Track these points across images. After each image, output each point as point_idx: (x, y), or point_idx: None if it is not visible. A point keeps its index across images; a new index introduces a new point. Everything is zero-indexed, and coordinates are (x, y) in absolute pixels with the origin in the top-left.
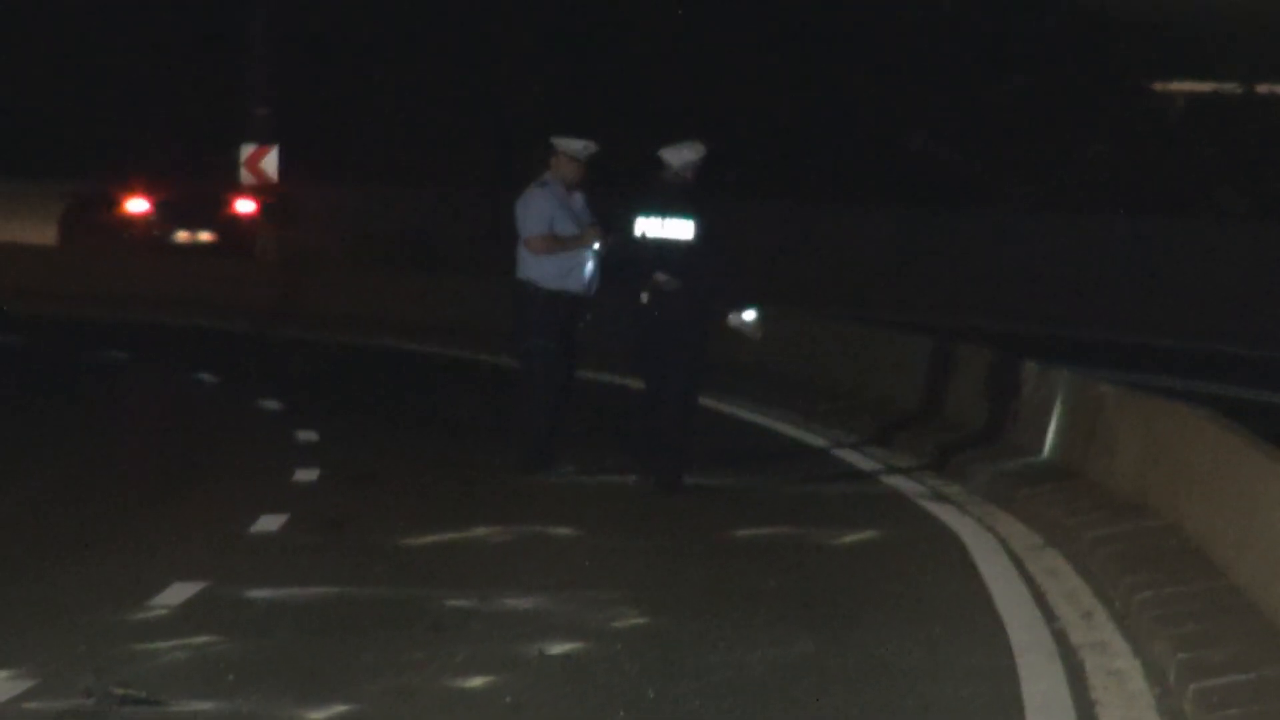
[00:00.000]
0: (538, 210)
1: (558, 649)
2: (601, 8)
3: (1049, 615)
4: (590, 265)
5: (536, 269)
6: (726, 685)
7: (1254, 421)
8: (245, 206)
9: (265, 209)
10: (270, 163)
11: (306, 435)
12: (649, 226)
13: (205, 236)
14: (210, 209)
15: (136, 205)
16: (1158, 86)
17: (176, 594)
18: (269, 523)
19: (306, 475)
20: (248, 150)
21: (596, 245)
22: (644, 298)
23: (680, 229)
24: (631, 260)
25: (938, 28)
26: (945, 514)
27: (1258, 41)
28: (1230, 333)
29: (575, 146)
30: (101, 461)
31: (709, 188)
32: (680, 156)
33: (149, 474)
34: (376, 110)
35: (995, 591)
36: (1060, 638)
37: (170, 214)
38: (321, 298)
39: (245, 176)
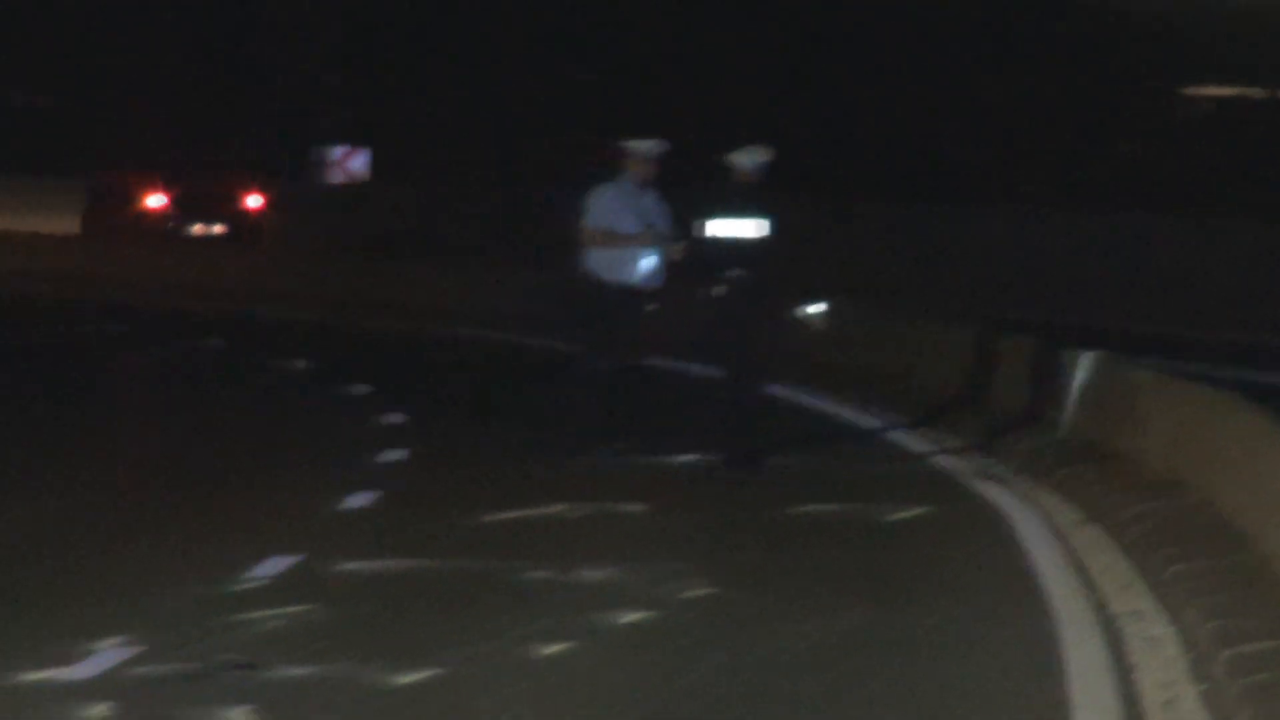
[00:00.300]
0: (597, 206)
1: (630, 618)
2: (658, 22)
3: (1089, 586)
4: (648, 260)
5: (594, 261)
6: (787, 653)
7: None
8: (254, 201)
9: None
10: (360, 163)
11: (394, 418)
12: (723, 226)
13: (218, 229)
14: (223, 203)
15: (155, 200)
16: (1185, 91)
17: (273, 566)
18: (359, 500)
19: (394, 456)
20: (337, 151)
21: (653, 243)
22: (720, 291)
23: (753, 228)
24: (705, 257)
25: (972, 28)
26: (991, 492)
27: None
28: (1253, 323)
29: (644, 146)
30: (204, 442)
31: (775, 188)
32: (750, 160)
33: (248, 454)
34: (455, 114)
35: (1038, 564)
36: (1100, 607)
37: (186, 208)
38: (399, 289)
39: (336, 175)
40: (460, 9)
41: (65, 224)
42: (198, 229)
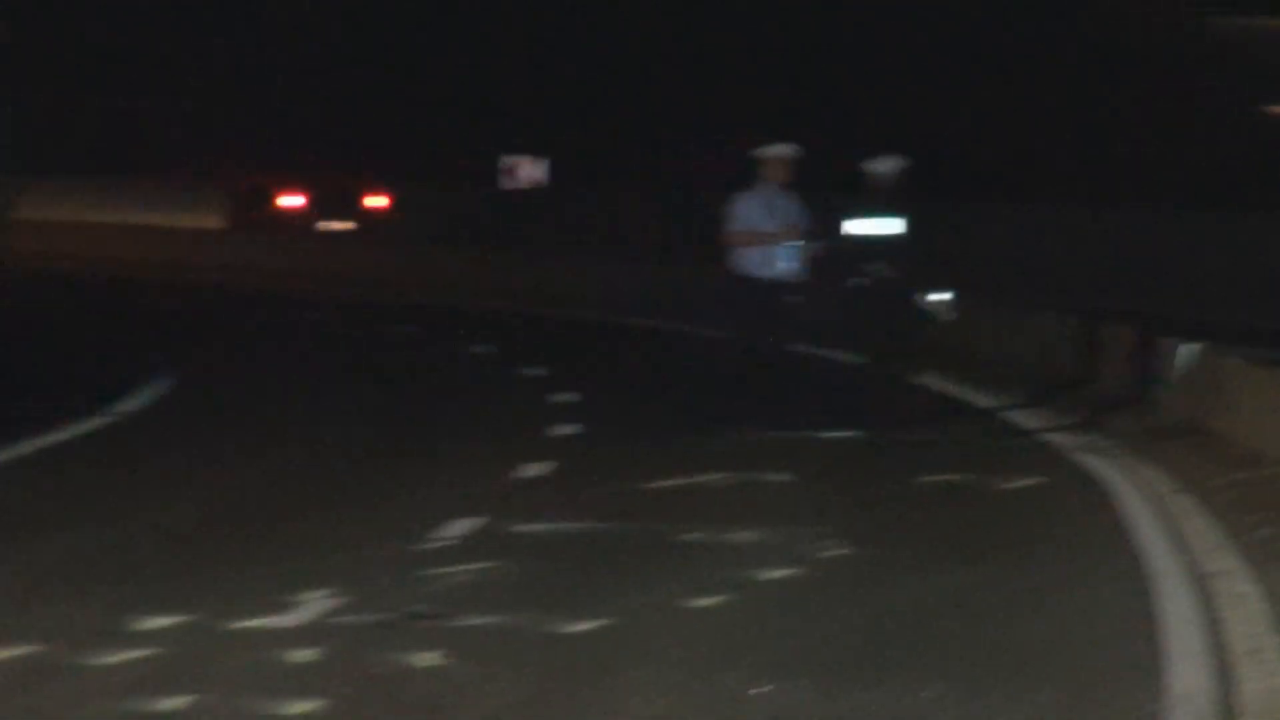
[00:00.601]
0: (736, 211)
1: (774, 574)
2: (803, 40)
3: (1182, 547)
4: (788, 255)
5: (742, 259)
6: (914, 605)
7: None
8: (376, 201)
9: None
10: (539, 170)
11: (568, 397)
12: (863, 226)
13: (346, 225)
14: (350, 203)
15: (292, 200)
16: (1273, 110)
17: (459, 528)
18: (536, 469)
19: (567, 430)
20: (515, 159)
21: (793, 241)
22: (862, 283)
23: (890, 226)
24: (847, 252)
25: (1072, 43)
26: (1094, 464)
27: None
28: None
29: (776, 151)
30: (403, 417)
31: (910, 192)
32: (887, 167)
33: (441, 427)
34: (627, 126)
35: (1137, 528)
36: (1192, 567)
37: (319, 206)
38: (572, 282)
39: (513, 181)
40: (633, 35)
41: (210, 220)
42: (329, 225)
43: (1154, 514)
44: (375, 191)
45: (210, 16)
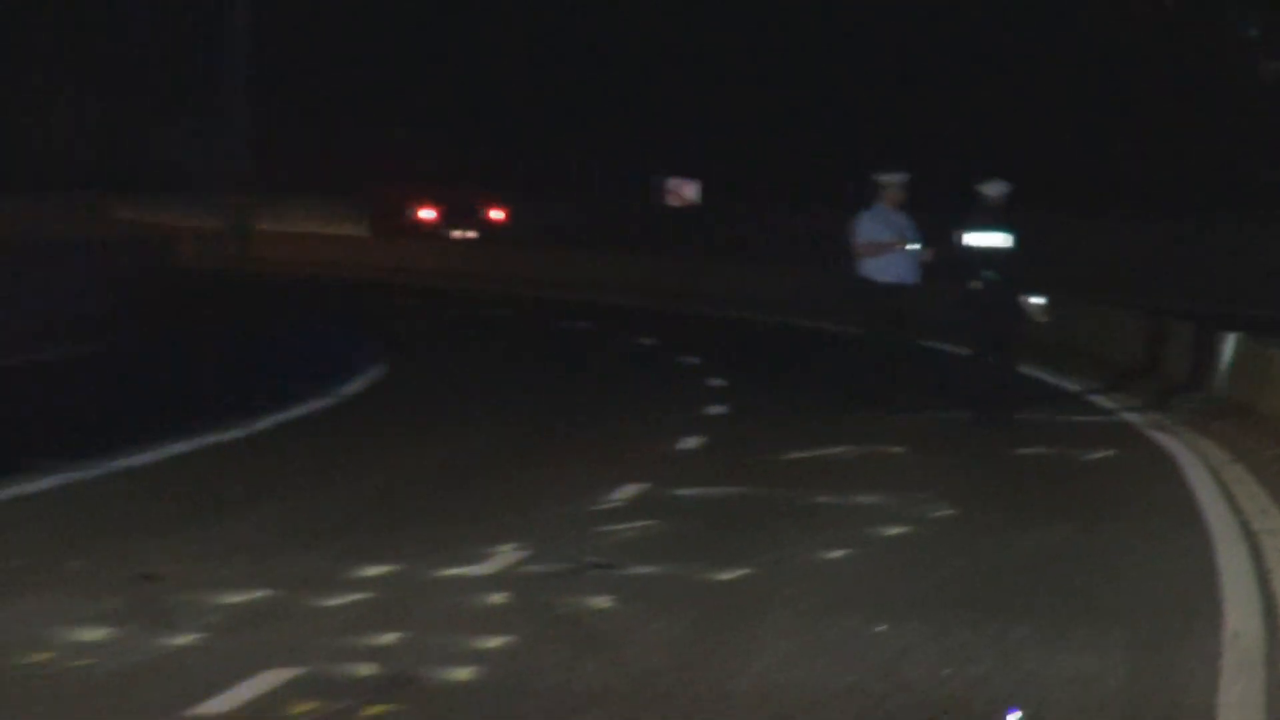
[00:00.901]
0: (859, 227)
1: (892, 531)
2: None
3: (1236, 510)
4: (905, 262)
5: (865, 266)
6: (1008, 558)
7: None
8: (496, 214)
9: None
10: (693, 190)
11: (718, 381)
12: (977, 238)
13: (471, 234)
14: (474, 214)
15: (427, 212)
16: None
17: (626, 492)
18: (691, 443)
19: (718, 409)
20: (676, 181)
21: (908, 248)
22: (975, 286)
23: (1000, 239)
24: (963, 261)
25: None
26: (1162, 439)
27: None
28: None
29: (891, 177)
30: (578, 398)
31: (1015, 210)
32: (996, 190)
33: (612, 407)
34: (772, 151)
35: (1198, 493)
36: (1244, 526)
37: (450, 218)
38: (722, 284)
39: (674, 200)
40: (774, 81)
41: (354, 228)
42: (456, 234)
43: (1211, 481)
44: (495, 205)
45: (392, 63)
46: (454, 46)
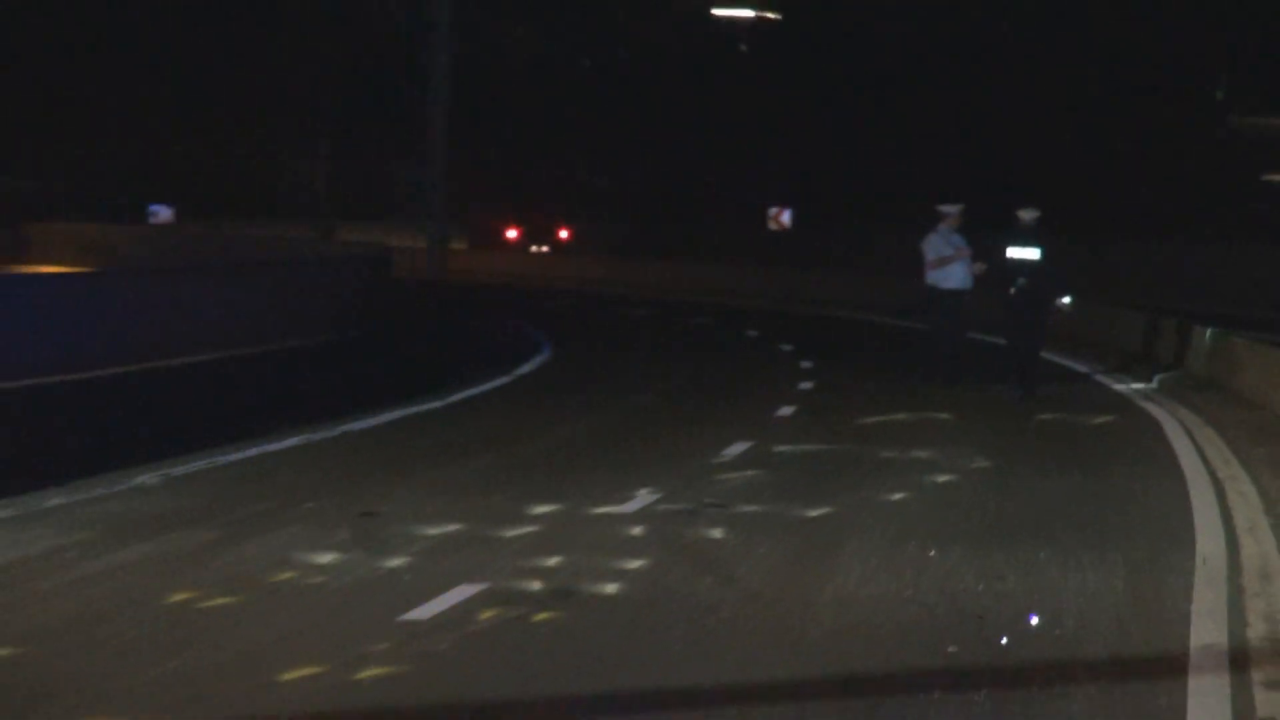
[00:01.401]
0: (931, 245)
1: (942, 479)
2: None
3: (1205, 462)
4: (962, 272)
5: (934, 276)
6: (1032, 500)
7: None
8: (563, 233)
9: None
10: (786, 216)
11: (808, 364)
12: (1016, 252)
13: (545, 249)
14: (549, 233)
15: (511, 232)
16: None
17: (736, 449)
18: (786, 410)
19: (806, 385)
20: (777, 209)
21: (962, 260)
22: (1015, 290)
23: (1033, 253)
24: (1005, 271)
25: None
26: (1150, 407)
27: None
28: None
29: (950, 208)
30: (699, 377)
31: (1049, 228)
32: (1029, 215)
33: (727, 383)
34: (856, 179)
35: (1176, 449)
36: (1212, 475)
37: (529, 236)
38: (815, 288)
39: (774, 225)
40: (848, 120)
41: (459, 244)
42: (534, 249)
43: (1187, 440)
44: (562, 226)
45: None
46: (624, 121)
